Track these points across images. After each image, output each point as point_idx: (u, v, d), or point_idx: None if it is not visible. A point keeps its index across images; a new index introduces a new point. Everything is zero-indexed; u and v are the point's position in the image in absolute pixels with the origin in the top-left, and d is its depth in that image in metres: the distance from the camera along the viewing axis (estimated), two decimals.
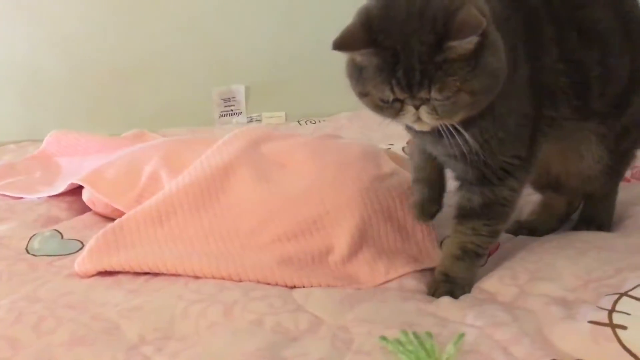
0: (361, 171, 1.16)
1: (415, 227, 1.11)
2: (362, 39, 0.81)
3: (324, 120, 2.09)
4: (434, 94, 0.80)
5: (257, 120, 2.17)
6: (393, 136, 1.95)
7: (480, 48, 0.79)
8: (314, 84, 2.16)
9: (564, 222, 1.20)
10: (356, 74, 0.85)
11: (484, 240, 0.98)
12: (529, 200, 1.22)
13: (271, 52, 2.14)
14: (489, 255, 1.05)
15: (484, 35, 0.79)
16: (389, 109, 0.84)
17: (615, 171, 1.09)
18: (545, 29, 0.93)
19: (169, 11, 2.05)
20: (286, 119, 2.18)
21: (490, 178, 0.94)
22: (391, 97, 0.82)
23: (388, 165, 1.20)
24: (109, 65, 2.04)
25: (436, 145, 0.94)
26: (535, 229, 1.16)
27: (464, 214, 0.98)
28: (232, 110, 2.15)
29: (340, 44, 0.82)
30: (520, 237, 1.13)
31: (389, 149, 1.46)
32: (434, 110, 0.82)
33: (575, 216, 1.21)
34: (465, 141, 0.85)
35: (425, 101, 0.81)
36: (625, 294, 0.82)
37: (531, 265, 0.97)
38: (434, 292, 0.98)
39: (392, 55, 0.80)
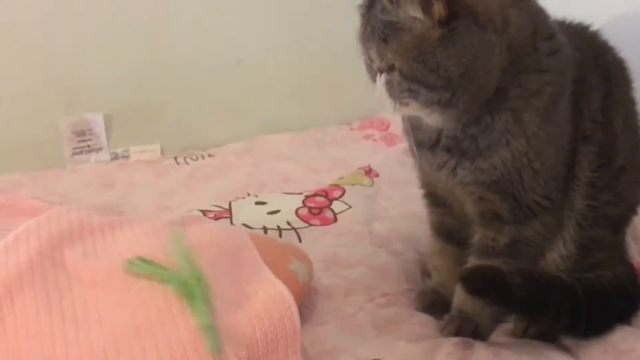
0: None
1: None
2: None
3: (208, 156, 1.66)
4: (372, 54, 0.76)
5: (123, 156, 1.69)
6: (291, 179, 1.52)
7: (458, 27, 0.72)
8: (196, 108, 1.73)
9: None
10: None
11: None
12: None
13: (136, 70, 1.65)
14: None
15: (475, 16, 0.71)
16: (370, 70, 0.80)
17: None
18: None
19: None
20: (162, 153, 1.71)
21: (518, 214, 0.86)
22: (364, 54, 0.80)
23: (260, 277, 0.77)
24: None
25: (455, 169, 0.84)
26: None
27: (484, 252, 0.89)
28: (88, 145, 1.65)
29: None
30: None
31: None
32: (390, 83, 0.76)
33: None
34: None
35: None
36: None
37: None
38: (444, 329, 0.92)
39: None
